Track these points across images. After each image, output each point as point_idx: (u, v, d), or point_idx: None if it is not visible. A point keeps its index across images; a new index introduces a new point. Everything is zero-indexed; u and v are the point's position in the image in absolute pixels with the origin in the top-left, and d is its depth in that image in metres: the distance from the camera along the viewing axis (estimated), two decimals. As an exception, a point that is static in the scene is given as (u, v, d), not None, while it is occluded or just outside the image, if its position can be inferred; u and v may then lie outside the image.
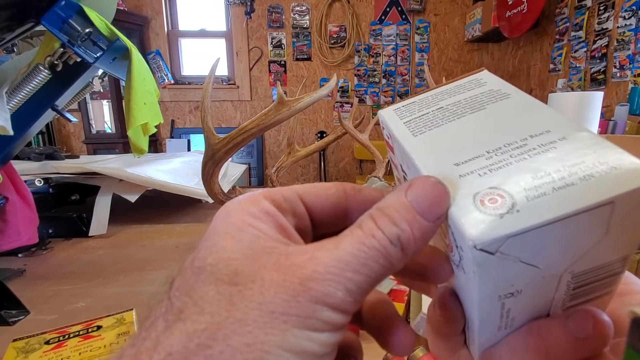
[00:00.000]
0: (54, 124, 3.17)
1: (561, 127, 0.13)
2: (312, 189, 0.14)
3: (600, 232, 0.11)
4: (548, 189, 0.11)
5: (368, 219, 0.12)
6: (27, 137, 0.56)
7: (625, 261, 0.12)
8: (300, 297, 0.11)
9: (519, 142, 0.13)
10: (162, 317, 0.11)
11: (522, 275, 0.12)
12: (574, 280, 0.12)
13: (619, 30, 2.04)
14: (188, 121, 3.36)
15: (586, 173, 0.11)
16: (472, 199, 0.12)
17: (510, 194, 0.12)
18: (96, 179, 0.79)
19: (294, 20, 3.20)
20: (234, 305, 0.10)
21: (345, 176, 3.51)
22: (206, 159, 0.62)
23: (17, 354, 0.29)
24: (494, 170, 0.13)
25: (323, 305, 0.11)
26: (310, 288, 0.11)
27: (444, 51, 3.35)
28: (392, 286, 0.44)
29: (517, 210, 0.11)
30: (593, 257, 0.12)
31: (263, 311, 0.10)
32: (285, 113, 0.57)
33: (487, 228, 0.11)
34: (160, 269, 0.60)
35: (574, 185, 0.11)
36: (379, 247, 0.11)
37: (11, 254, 0.65)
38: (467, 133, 0.15)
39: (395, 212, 0.12)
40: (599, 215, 0.11)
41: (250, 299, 0.11)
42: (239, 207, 0.13)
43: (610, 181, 0.11)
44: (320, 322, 0.11)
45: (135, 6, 3.12)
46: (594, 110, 0.79)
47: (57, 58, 0.48)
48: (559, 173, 0.12)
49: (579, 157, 0.12)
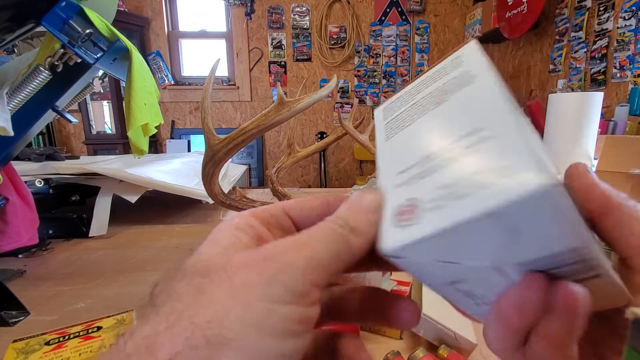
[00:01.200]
0: (54, 125, 3.17)
1: (496, 125, 0.13)
2: (297, 204, 0.16)
3: (503, 234, 0.11)
4: (447, 201, 0.12)
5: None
6: (27, 138, 0.56)
7: (586, 249, 0.12)
8: (265, 270, 0.12)
9: (451, 145, 0.14)
10: (144, 314, 0.12)
11: (452, 269, 0.13)
12: (528, 267, 0.12)
13: (619, 31, 2.04)
14: (188, 122, 3.37)
15: (484, 183, 0.12)
16: (393, 212, 0.14)
17: (420, 206, 0.13)
18: (96, 179, 0.79)
19: (294, 21, 3.20)
20: (203, 292, 0.12)
21: (345, 177, 3.51)
22: (206, 160, 0.62)
23: (17, 355, 0.29)
24: (419, 180, 0.14)
25: (287, 275, 0.12)
26: (274, 260, 0.12)
27: (444, 52, 3.35)
28: (393, 286, 0.44)
29: (419, 222, 0.12)
30: (525, 250, 0.12)
31: (229, 291, 0.11)
32: (285, 114, 0.57)
33: (392, 240, 0.13)
34: (161, 269, 0.60)
35: (468, 196, 0.12)
36: (330, 226, 0.14)
37: (11, 255, 0.65)
38: (419, 135, 0.16)
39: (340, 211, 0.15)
40: (485, 224, 0.11)
41: (218, 284, 0.12)
42: (228, 222, 0.14)
43: (496, 194, 0.11)
44: (284, 293, 0.12)
45: (136, 7, 3.12)
46: (594, 110, 0.79)
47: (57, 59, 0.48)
48: (462, 182, 0.12)
49: (488, 163, 0.12)
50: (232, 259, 0.12)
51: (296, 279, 0.12)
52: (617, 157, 0.84)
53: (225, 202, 0.70)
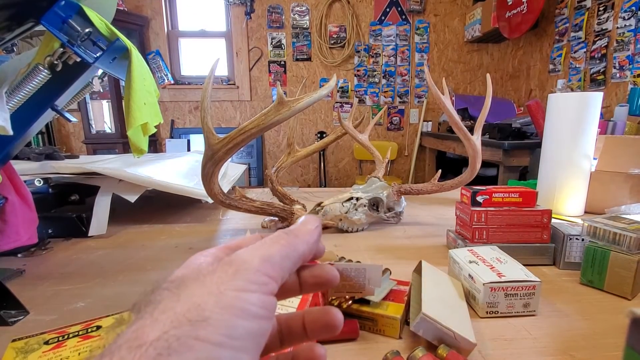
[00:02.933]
0: (54, 124, 3.17)
1: None
2: (243, 242, 0.19)
3: None
4: None
5: None
6: (26, 137, 0.56)
7: None
8: (229, 269, 0.15)
9: None
10: (127, 323, 0.14)
11: None
12: None
13: (619, 31, 2.04)
14: (188, 121, 3.36)
15: None
16: None
17: None
18: (96, 179, 0.79)
19: (293, 20, 3.20)
20: (181, 295, 0.14)
21: (345, 176, 3.51)
22: (206, 159, 0.62)
23: (17, 354, 0.29)
24: None
25: (246, 270, 0.15)
26: (235, 261, 0.16)
27: (443, 51, 3.35)
28: (392, 286, 0.44)
29: None
30: None
31: (204, 287, 0.14)
32: (285, 113, 0.57)
33: None
34: (160, 269, 0.60)
35: None
36: (278, 233, 0.18)
37: (10, 254, 0.64)
38: None
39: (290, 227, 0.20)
40: None
41: (192, 287, 0.15)
42: (197, 254, 0.18)
43: None
44: (247, 283, 0.15)
45: (135, 6, 3.12)
46: (593, 110, 0.79)
47: (56, 58, 0.48)
48: None
49: None
50: (201, 271, 0.16)
51: (254, 272, 0.15)
52: (617, 157, 0.84)
53: (225, 201, 0.70)
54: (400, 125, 3.43)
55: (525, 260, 0.55)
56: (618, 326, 0.41)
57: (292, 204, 0.80)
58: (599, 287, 0.50)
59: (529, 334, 0.40)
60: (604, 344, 0.38)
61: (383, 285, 0.44)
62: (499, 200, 0.59)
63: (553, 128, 0.83)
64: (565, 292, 0.50)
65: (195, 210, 0.97)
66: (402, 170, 3.51)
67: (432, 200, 1.05)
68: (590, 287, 0.51)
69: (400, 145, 3.46)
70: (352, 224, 0.75)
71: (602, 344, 0.38)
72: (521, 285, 0.43)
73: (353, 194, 0.77)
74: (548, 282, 0.53)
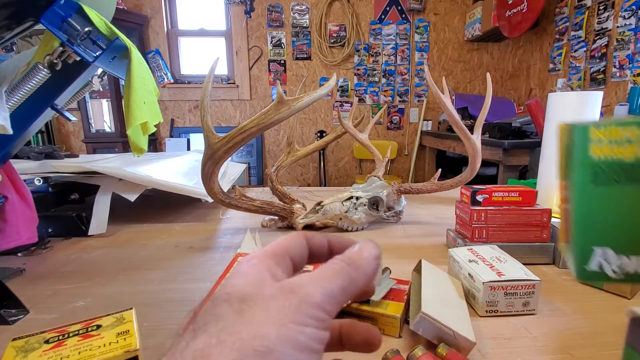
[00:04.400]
0: (54, 123, 3.16)
1: None
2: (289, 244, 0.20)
3: None
4: None
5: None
6: (26, 136, 0.56)
7: None
8: (292, 300, 0.15)
9: None
10: (189, 332, 0.15)
11: None
12: None
13: (619, 30, 2.04)
14: (187, 120, 3.36)
15: None
16: None
17: None
18: (96, 178, 0.79)
19: (293, 19, 3.20)
20: (243, 315, 0.15)
21: (345, 175, 3.51)
22: (206, 158, 0.62)
23: (17, 353, 0.29)
24: None
25: (308, 304, 0.15)
26: (298, 292, 0.16)
27: (443, 51, 3.35)
28: (392, 285, 0.44)
29: None
30: None
31: (266, 315, 0.15)
32: (285, 112, 0.57)
33: None
34: (160, 268, 0.60)
35: None
36: (340, 264, 0.18)
37: (10, 253, 0.64)
38: None
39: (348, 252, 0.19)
40: None
41: (254, 309, 0.15)
42: (247, 260, 0.18)
43: None
44: (307, 318, 0.15)
45: (135, 5, 3.11)
46: (593, 110, 0.79)
47: (56, 57, 0.47)
48: None
49: None
50: (263, 289, 0.16)
51: (316, 307, 0.15)
52: (617, 156, 0.84)
53: (225, 200, 0.70)
54: (400, 124, 3.43)
55: (525, 259, 0.55)
56: (617, 325, 0.41)
57: (292, 203, 0.80)
58: (599, 287, 0.50)
59: (529, 332, 0.40)
60: (603, 343, 0.38)
61: (383, 284, 0.44)
62: (498, 200, 0.59)
63: (553, 127, 0.83)
64: (565, 291, 0.50)
65: (195, 210, 0.97)
66: (402, 170, 3.51)
67: (432, 200, 1.05)
68: (590, 286, 0.51)
69: (400, 144, 3.46)
70: (352, 223, 0.76)
71: (601, 343, 0.38)
72: (521, 284, 0.43)
73: (353, 193, 0.78)
74: (548, 281, 0.53)
